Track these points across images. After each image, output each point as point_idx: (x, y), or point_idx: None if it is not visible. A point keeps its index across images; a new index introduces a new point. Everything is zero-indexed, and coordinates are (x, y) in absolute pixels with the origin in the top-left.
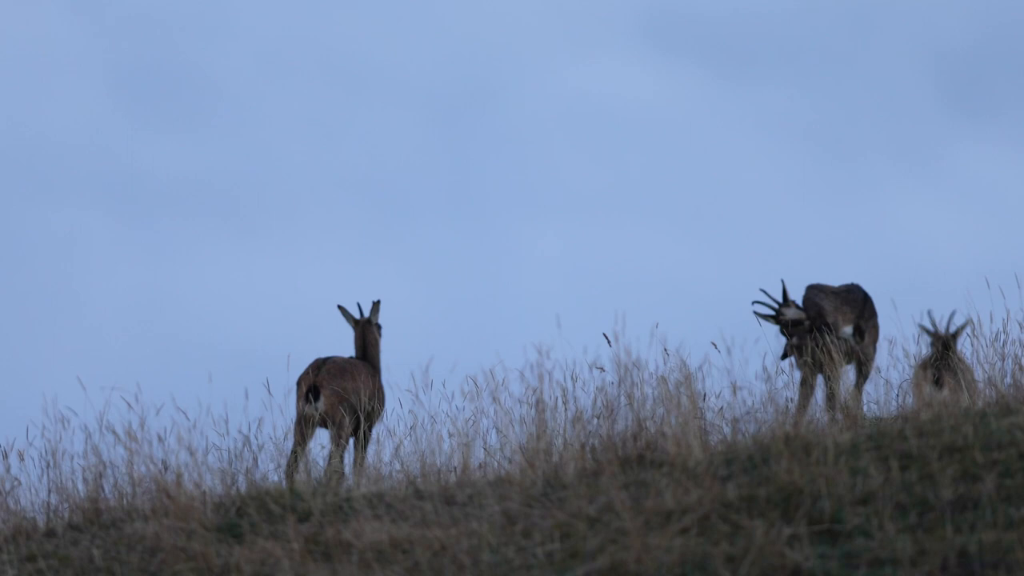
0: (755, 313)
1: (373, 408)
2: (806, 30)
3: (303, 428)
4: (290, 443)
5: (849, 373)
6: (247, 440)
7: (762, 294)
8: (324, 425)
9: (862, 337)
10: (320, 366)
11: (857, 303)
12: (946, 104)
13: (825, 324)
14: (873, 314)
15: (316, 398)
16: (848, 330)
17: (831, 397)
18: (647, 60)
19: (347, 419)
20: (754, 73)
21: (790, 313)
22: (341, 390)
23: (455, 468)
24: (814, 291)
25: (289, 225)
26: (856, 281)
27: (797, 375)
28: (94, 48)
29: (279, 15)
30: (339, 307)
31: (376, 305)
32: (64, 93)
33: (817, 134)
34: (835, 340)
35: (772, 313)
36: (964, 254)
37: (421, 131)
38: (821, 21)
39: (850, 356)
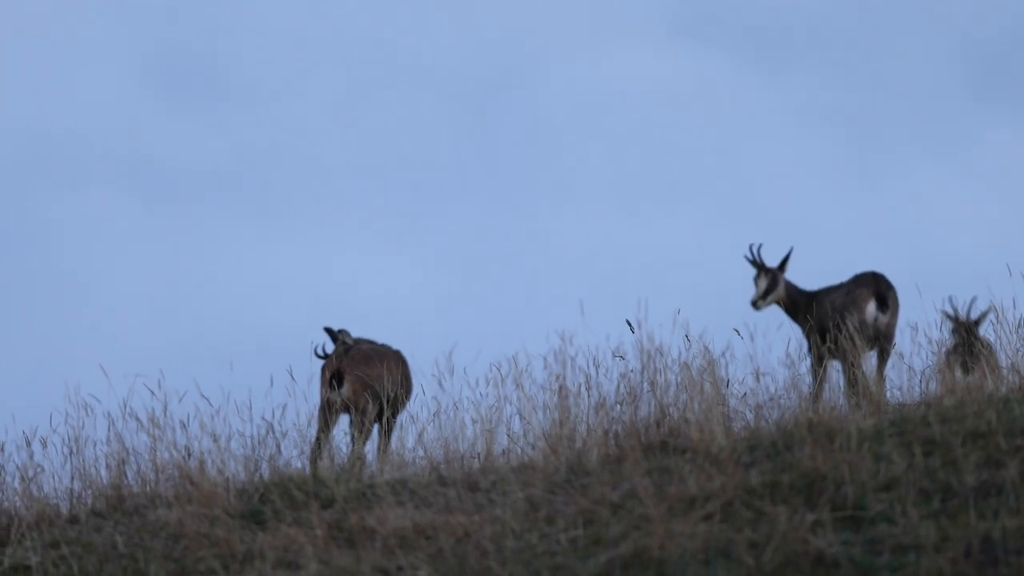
0: (746, 257)
1: (398, 395)
2: (833, 17)
3: (327, 414)
4: (313, 430)
5: (870, 360)
6: (270, 427)
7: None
8: (348, 411)
9: (886, 308)
10: (344, 352)
11: (868, 280)
12: (974, 91)
13: (848, 313)
14: (891, 286)
15: (340, 384)
16: (872, 306)
17: (853, 383)
18: (674, 47)
19: (371, 406)
20: (780, 60)
21: (762, 285)
22: (365, 376)
23: (478, 454)
24: (823, 294)
25: (313, 211)
26: (880, 268)
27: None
28: (118, 34)
29: (304, 1)
30: (327, 329)
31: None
32: (88, 79)
33: (844, 121)
34: (858, 325)
35: (755, 266)
36: (989, 241)
37: (446, 118)
38: (848, 8)
39: (872, 341)
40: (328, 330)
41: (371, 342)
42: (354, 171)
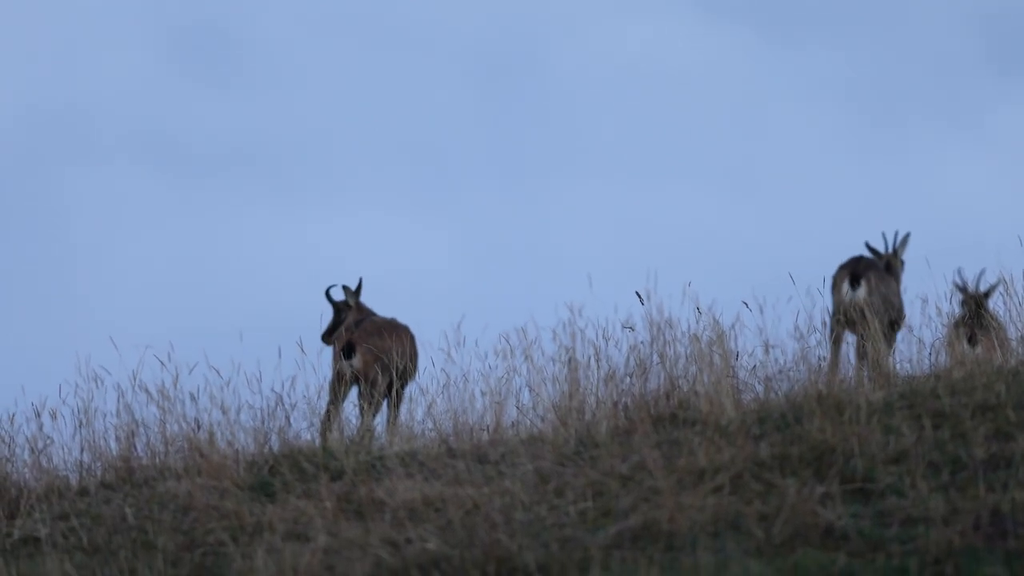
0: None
1: (407, 368)
2: None
3: (337, 386)
4: (323, 401)
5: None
6: (280, 399)
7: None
8: (358, 383)
9: (858, 285)
10: (356, 324)
11: (848, 263)
12: (991, 64)
13: (832, 294)
14: (870, 265)
15: (351, 355)
16: (846, 285)
17: (863, 356)
18: (689, 19)
19: (381, 378)
20: (797, 32)
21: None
22: (376, 348)
23: (488, 427)
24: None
25: (325, 183)
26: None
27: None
28: (140, 10)
29: None
30: (344, 287)
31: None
32: (110, 55)
33: (860, 94)
34: (838, 305)
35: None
36: (1003, 214)
37: (460, 92)
38: None
39: (858, 320)
40: (328, 296)
41: (375, 315)
42: (367, 142)
